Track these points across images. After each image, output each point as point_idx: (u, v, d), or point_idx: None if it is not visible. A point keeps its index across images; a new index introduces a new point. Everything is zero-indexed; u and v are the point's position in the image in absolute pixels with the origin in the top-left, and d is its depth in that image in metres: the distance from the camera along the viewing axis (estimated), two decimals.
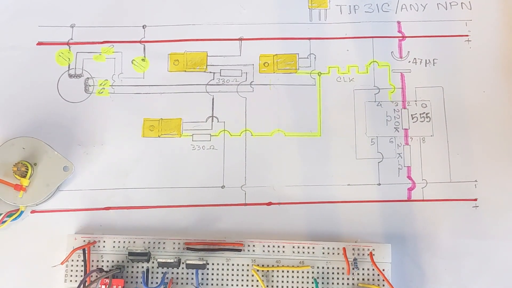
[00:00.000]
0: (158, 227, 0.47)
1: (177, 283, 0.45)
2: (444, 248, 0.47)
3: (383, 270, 0.45)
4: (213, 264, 0.45)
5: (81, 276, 0.45)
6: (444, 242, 0.47)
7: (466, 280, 0.46)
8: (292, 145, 0.49)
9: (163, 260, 0.44)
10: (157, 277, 0.45)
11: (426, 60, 0.50)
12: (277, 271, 0.45)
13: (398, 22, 0.51)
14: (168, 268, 0.45)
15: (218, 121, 0.49)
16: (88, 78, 0.50)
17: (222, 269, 0.45)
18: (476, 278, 0.46)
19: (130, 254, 0.44)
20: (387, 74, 0.50)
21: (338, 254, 0.45)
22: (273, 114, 0.49)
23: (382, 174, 0.48)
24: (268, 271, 0.45)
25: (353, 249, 0.45)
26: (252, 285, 0.45)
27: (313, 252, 0.45)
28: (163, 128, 0.49)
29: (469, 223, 0.47)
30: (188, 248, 0.45)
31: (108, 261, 0.45)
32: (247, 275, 0.45)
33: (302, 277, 0.45)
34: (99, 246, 0.45)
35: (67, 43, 0.51)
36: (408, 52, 0.51)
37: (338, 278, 0.45)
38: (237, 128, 0.49)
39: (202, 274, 0.45)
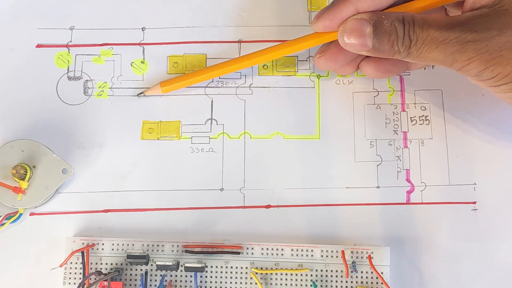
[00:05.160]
0: (156, 229, 0.47)
1: (175, 286, 0.45)
2: (443, 251, 0.47)
3: (382, 273, 0.45)
4: (211, 267, 0.45)
5: (80, 278, 0.45)
6: (443, 245, 0.47)
7: (465, 283, 0.46)
8: (291, 148, 0.49)
9: (162, 263, 0.44)
10: (155, 280, 0.45)
11: None
12: (276, 274, 0.45)
13: None
14: (166, 271, 0.45)
15: (217, 124, 0.49)
16: (87, 80, 0.50)
17: (221, 272, 0.45)
18: (475, 281, 0.46)
19: (129, 256, 0.44)
20: None
21: (337, 257, 0.45)
22: (272, 117, 0.49)
23: (381, 177, 0.48)
24: (266, 274, 0.45)
25: (352, 252, 0.45)
26: None
27: (312, 255, 0.45)
28: (162, 131, 0.49)
29: (468, 226, 0.47)
30: (186, 251, 0.45)
31: (107, 263, 0.45)
32: (246, 278, 0.45)
33: (301, 280, 0.45)
34: (98, 249, 0.45)
35: (66, 46, 0.51)
36: None
37: (336, 281, 0.45)
38: (236, 131, 0.49)
39: (201, 277, 0.45)
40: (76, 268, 0.45)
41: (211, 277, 0.45)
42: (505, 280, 0.46)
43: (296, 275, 0.45)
